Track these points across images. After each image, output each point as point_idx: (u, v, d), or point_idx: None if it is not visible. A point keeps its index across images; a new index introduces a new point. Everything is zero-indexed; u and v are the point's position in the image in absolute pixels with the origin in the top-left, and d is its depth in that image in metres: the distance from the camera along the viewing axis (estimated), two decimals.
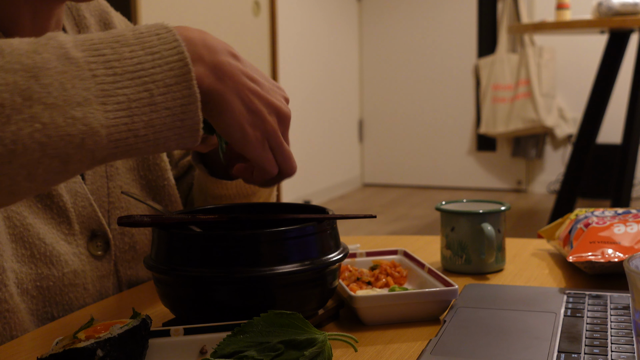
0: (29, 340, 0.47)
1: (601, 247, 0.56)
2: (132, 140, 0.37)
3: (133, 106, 0.36)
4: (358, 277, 0.54)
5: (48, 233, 0.51)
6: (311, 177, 3.07)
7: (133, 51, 0.37)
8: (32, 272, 0.50)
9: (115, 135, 0.36)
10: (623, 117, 2.18)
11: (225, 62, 0.41)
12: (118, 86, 0.36)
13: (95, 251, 0.54)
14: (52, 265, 0.51)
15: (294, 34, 2.87)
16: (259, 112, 0.42)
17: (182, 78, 0.37)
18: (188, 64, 0.38)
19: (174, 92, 0.37)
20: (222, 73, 0.40)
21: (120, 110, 0.36)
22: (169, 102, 0.37)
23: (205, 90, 0.40)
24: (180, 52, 0.38)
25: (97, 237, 0.54)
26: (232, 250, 0.42)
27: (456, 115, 3.38)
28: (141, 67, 0.37)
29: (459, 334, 0.44)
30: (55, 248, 0.51)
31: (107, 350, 0.37)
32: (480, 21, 3.29)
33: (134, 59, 0.37)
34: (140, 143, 0.37)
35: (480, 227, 0.58)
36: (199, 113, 0.38)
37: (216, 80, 0.40)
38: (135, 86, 0.36)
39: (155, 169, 0.60)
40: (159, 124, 0.37)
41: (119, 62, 0.36)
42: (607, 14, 1.94)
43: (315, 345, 0.38)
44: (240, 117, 0.41)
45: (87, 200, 0.54)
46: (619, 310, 0.47)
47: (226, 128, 0.42)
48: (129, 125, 0.36)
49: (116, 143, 0.37)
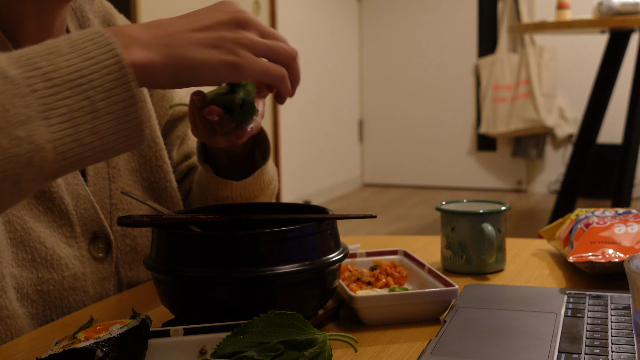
0: (29, 341, 0.47)
1: (602, 247, 0.56)
2: (78, 150, 0.37)
3: (76, 116, 0.37)
4: (358, 277, 0.54)
5: (49, 236, 0.51)
6: (311, 177, 3.07)
7: (69, 59, 0.37)
8: (33, 276, 0.50)
9: (61, 148, 0.36)
10: (623, 117, 2.18)
11: (154, 28, 0.41)
12: (58, 97, 0.36)
13: (97, 253, 0.54)
14: (52, 269, 0.51)
15: (294, 33, 2.87)
16: (217, 40, 0.41)
17: (121, 81, 0.38)
18: (125, 66, 0.38)
19: (114, 96, 0.37)
20: (161, 39, 0.40)
21: (64, 122, 0.36)
22: (110, 107, 0.37)
23: (161, 65, 0.40)
24: (116, 54, 0.38)
25: (98, 239, 0.54)
26: (232, 250, 0.42)
27: (456, 115, 3.38)
28: (79, 75, 0.37)
29: (459, 334, 0.44)
30: (56, 252, 0.51)
31: (106, 351, 0.37)
32: (481, 21, 3.29)
33: (71, 67, 0.37)
34: (88, 151, 0.38)
35: (481, 227, 0.58)
36: (141, 113, 0.38)
37: (163, 49, 0.40)
38: (75, 95, 0.37)
39: (157, 171, 0.60)
40: (103, 130, 0.38)
41: (56, 73, 0.36)
42: (607, 13, 1.94)
43: (315, 345, 0.38)
44: (211, 59, 0.40)
45: (90, 202, 0.54)
46: (619, 311, 0.47)
47: (212, 77, 0.41)
48: (74, 136, 0.37)
49: (63, 155, 0.37)
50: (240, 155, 0.59)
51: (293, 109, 2.89)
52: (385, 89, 3.48)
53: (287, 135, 2.84)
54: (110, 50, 0.38)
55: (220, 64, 0.41)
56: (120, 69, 0.38)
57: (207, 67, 0.41)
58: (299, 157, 2.94)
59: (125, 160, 0.58)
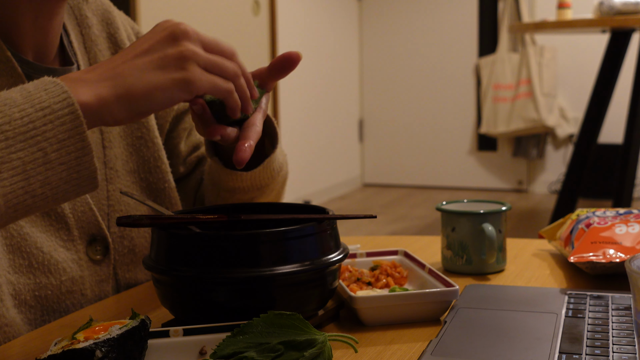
0: (28, 341, 0.47)
1: (602, 248, 0.56)
2: (30, 201, 0.37)
3: (28, 168, 0.37)
4: (358, 278, 0.53)
5: (46, 241, 0.51)
6: (311, 177, 3.07)
7: (23, 110, 0.37)
8: (31, 282, 0.50)
9: (13, 201, 0.37)
10: (624, 116, 2.18)
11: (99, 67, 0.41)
12: (12, 150, 0.36)
13: (95, 255, 0.54)
14: (50, 274, 0.51)
15: (294, 33, 2.87)
16: (161, 60, 0.41)
17: (74, 131, 0.38)
18: (79, 116, 0.38)
19: (67, 147, 0.38)
20: (107, 74, 0.40)
21: (16, 175, 0.36)
22: (63, 157, 0.38)
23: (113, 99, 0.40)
24: (70, 103, 0.38)
25: (96, 241, 0.54)
26: (232, 250, 0.42)
27: (457, 115, 3.38)
28: (33, 126, 0.37)
29: (459, 334, 0.44)
30: (53, 256, 0.51)
31: (106, 351, 0.37)
32: (481, 20, 3.29)
33: (24, 118, 0.37)
34: (39, 202, 0.38)
35: (481, 228, 0.58)
36: (94, 162, 0.39)
37: (111, 83, 0.40)
38: (28, 147, 0.37)
39: (155, 172, 0.60)
40: (55, 181, 0.38)
41: (9, 125, 0.36)
42: (608, 13, 1.93)
43: (315, 346, 0.38)
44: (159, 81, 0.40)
45: (87, 204, 0.54)
46: (620, 311, 0.47)
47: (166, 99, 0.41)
48: (26, 188, 0.37)
49: (15, 207, 0.37)
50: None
51: (293, 109, 2.89)
52: (385, 88, 3.48)
53: (287, 135, 2.84)
54: (64, 99, 0.38)
55: (170, 84, 0.41)
56: (74, 119, 0.38)
57: (159, 90, 0.41)
58: (299, 157, 2.94)
59: (123, 161, 0.58)
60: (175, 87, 0.41)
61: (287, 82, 2.79)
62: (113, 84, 0.40)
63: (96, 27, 0.58)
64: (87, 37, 0.57)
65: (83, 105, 0.39)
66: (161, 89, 0.41)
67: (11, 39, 0.51)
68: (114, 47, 0.59)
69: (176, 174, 0.64)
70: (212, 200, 0.61)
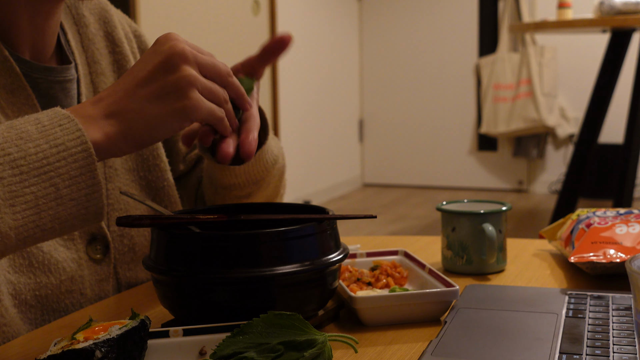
0: (28, 342, 0.47)
1: (603, 248, 0.56)
2: (39, 235, 0.39)
3: (40, 203, 0.38)
4: (358, 278, 0.53)
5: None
6: (311, 177, 3.07)
7: (38, 146, 0.38)
8: (31, 281, 0.50)
9: (24, 234, 0.38)
10: (625, 116, 2.18)
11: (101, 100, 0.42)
12: (25, 185, 0.38)
13: (95, 255, 0.54)
14: (50, 273, 0.51)
15: (294, 33, 2.82)
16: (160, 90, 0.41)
17: (86, 169, 0.39)
18: (92, 154, 0.39)
19: (78, 184, 0.39)
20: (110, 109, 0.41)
21: (28, 209, 0.38)
22: (74, 194, 0.39)
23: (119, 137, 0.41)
24: (84, 142, 0.39)
25: (96, 240, 0.54)
26: (232, 250, 0.42)
27: (457, 115, 3.38)
28: (47, 162, 0.38)
29: (459, 335, 0.44)
30: (53, 255, 0.51)
31: (105, 352, 0.37)
32: (481, 20, 3.29)
33: (39, 154, 0.38)
34: (47, 235, 0.39)
35: (481, 228, 0.58)
36: (102, 199, 0.40)
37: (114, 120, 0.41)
38: (42, 182, 0.38)
39: (154, 170, 0.59)
40: (64, 216, 0.39)
41: (24, 160, 0.38)
42: (609, 13, 1.93)
43: (315, 346, 0.38)
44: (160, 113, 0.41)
45: None
46: (620, 311, 0.47)
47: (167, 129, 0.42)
48: (37, 222, 0.38)
49: (24, 240, 0.38)
50: None
51: (293, 108, 2.89)
52: (385, 88, 3.48)
53: (287, 135, 2.84)
54: (78, 137, 0.39)
55: (170, 114, 0.42)
56: (87, 157, 0.39)
57: (160, 122, 0.42)
58: (299, 157, 2.94)
59: (122, 160, 0.58)
60: (175, 118, 0.42)
61: (287, 82, 2.79)
62: (117, 121, 0.41)
63: (93, 25, 0.58)
64: (85, 36, 0.58)
65: (94, 143, 0.40)
66: (162, 122, 0.42)
67: (8, 38, 0.51)
68: (112, 45, 0.59)
69: (176, 172, 0.64)
70: (211, 198, 0.61)
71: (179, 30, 2.85)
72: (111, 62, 0.59)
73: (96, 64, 0.57)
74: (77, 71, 0.56)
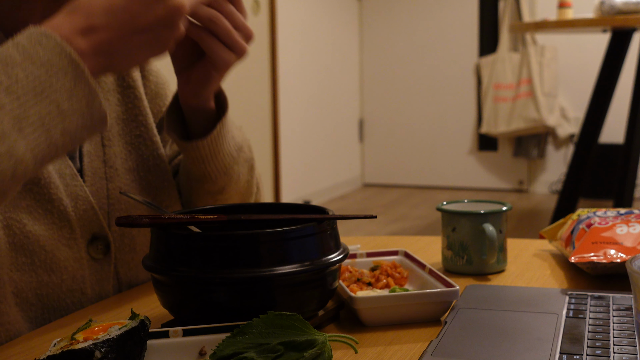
0: (27, 342, 0.47)
1: (603, 248, 0.56)
2: (54, 152, 0.39)
3: (46, 122, 0.38)
4: (358, 278, 0.53)
5: (49, 239, 0.51)
6: (311, 177, 3.07)
7: (25, 69, 0.38)
8: (33, 280, 0.50)
9: (40, 155, 0.38)
10: (625, 116, 2.17)
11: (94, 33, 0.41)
12: (26, 107, 0.38)
13: (96, 254, 0.54)
14: (52, 272, 0.51)
15: (293, 33, 2.87)
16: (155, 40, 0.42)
17: (79, 79, 0.39)
18: (78, 63, 0.39)
19: (76, 95, 0.39)
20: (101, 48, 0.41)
21: (37, 130, 0.38)
22: (75, 105, 0.39)
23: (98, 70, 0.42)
24: (68, 53, 0.39)
25: (97, 239, 0.54)
26: (232, 250, 0.42)
27: (457, 115, 3.38)
28: (39, 82, 0.38)
29: (460, 335, 0.44)
30: (55, 254, 0.51)
31: (105, 352, 0.36)
32: (482, 20, 3.29)
33: (29, 76, 0.38)
34: (61, 150, 0.40)
35: (482, 228, 0.58)
36: (103, 105, 0.41)
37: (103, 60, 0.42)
38: (41, 102, 0.38)
39: (155, 170, 0.59)
40: (73, 128, 0.39)
41: (17, 85, 0.38)
42: (609, 12, 1.93)
43: (315, 346, 0.38)
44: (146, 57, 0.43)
45: (89, 203, 0.53)
46: (621, 312, 0.47)
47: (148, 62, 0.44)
48: (49, 140, 0.38)
49: (42, 161, 0.39)
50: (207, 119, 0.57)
51: (293, 108, 2.89)
52: (385, 88, 3.47)
53: (287, 135, 2.84)
54: (61, 51, 0.39)
55: (155, 55, 0.44)
56: (76, 67, 0.39)
57: (143, 61, 0.44)
58: (299, 157, 2.94)
59: (122, 160, 0.58)
60: (158, 57, 0.44)
61: (287, 82, 2.79)
62: (104, 61, 0.42)
63: None
64: None
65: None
66: (145, 61, 0.44)
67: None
68: None
69: None
70: (188, 198, 0.61)
71: None
72: None
73: None
74: None
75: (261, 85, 2.63)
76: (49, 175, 0.51)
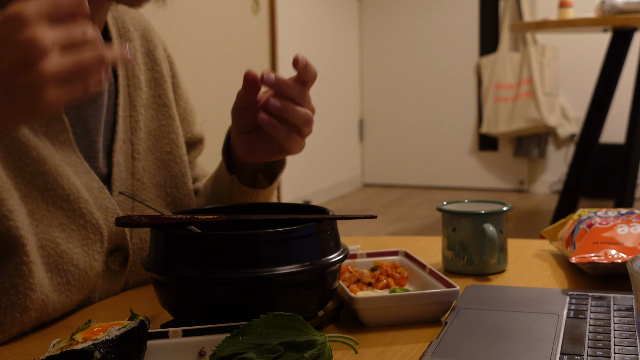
0: (26, 342, 0.47)
1: (604, 248, 0.56)
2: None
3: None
4: (358, 278, 0.53)
5: (83, 256, 0.51)
6: (311, 177, 3.07)
7: None
8: (68, 300, 0.50)
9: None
10: (626, 116, 2.17)
11: None
12: None
13: (114, 265, 0.54)
14: (86, 291, 0.51)
15: (293, 32, 2.87)
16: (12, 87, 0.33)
17: None
18: None
19: None
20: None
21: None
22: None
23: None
24: None
25: (117, 251, 0.54)
26: (231, 251, 0.42)
27: (458, 115, 3.38)
28: None
29: (460, 335, 0.44)
30: (87, 273, 0.51)
31: (104, 352, 0.36)
32: (482, 19, 3.28)
33: None
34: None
35: (482, 228, 0.58)
36: None
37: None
38: None
39: (182, 187, 0.60)
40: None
41: None
42: (610, 12, 1.93)
43: (315, 347, 0.37)
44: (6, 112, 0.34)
45: (117, 215, 0.54)
46: (622, 312, 0.47)
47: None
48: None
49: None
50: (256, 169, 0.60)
51: None
52: (385, 88, 3.47)
53: None
54: None
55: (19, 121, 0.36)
56: None
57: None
58: (299, 157, 2.92)
59: (150, 174, 0.58)
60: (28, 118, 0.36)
61: None
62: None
63: (136, 41, 0.60)
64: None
65: None
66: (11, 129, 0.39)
67: None
68: (151, 63, 0.61)
69: None
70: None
71: (178, 29, 2.80)
72: (149, 78, 0.60)
73: (135, 78, 0.59)
74: (117, 82, 0.57)
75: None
76: (77, 190, 0.51)
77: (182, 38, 2.20)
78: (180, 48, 2.20)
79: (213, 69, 2.34)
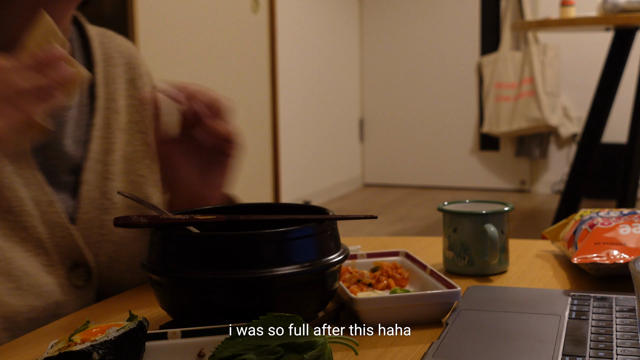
0: (24, 344, 0.47)
1: (606, 249, 0.55)
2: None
3: None
4: (359, 279, 0.53)
5: (31, 265, 0.51)
6: (311, 177, 3.06)
7: None
8: (23, 304, 0.50)
9: None
10: (628, 116, 2.17)
11: None
12: None
13: (77, 281, 0.54)
14: (39, 297, 0.51)
15: (293, 32, 2.86)
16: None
17: None
18: None
19: None
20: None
21: None
22: None
23: None
24: None
25: (79, 267, 0.54)
26: (231, 251, 0.42)
27: (459, 114, 3.37)
28: None
29: (461, 336, 0.44)
30: (38, 280, 0.51)
31: (103, 354, 0.36)
32: (483, 18, 3.28)
33: None
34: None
35: (483, 228, 0.57)
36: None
37: None
38: None
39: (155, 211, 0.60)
40: None
41: None
42: (612, 11, 1.92)
43: (315, 348, 0.37)
44: None
45: (66, 230, 0.53)
46: (624, 313, 0.46)
47: None
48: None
49: None
50: None
51: (293, 108, 2.89)
52: (386, 88, 3.47)
53: (287, 135, 2.84)
54: None
55: None
56: None
57: None
58: (299, 157, 2.94)
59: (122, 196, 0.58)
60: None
61: (286, 82, 2.79)
62: None
63: (120, 68, 0.61)
64: (110, 73, 0.60)
65: None
66: None
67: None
68: (133, 89, 0.61)
69: None
70: None
71: (178, 29, 2.80)
72: (128, 104, 0.61)
73: (114, 102, 0.59)
74: (94, 102, 0.58)
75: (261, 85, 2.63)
76: (22, 203, 0.51)
77: (182, 37, 2.20)
78: (179, 47, 2.20)
79: (212, 68, 2.34)
